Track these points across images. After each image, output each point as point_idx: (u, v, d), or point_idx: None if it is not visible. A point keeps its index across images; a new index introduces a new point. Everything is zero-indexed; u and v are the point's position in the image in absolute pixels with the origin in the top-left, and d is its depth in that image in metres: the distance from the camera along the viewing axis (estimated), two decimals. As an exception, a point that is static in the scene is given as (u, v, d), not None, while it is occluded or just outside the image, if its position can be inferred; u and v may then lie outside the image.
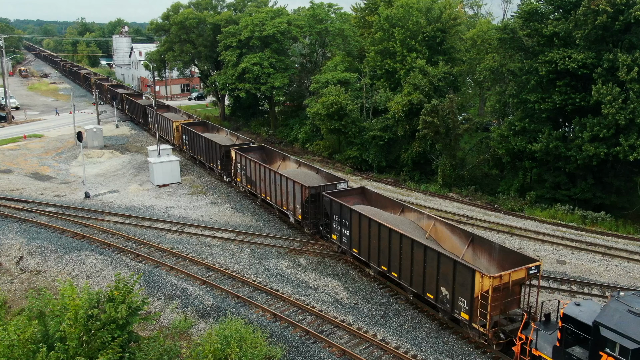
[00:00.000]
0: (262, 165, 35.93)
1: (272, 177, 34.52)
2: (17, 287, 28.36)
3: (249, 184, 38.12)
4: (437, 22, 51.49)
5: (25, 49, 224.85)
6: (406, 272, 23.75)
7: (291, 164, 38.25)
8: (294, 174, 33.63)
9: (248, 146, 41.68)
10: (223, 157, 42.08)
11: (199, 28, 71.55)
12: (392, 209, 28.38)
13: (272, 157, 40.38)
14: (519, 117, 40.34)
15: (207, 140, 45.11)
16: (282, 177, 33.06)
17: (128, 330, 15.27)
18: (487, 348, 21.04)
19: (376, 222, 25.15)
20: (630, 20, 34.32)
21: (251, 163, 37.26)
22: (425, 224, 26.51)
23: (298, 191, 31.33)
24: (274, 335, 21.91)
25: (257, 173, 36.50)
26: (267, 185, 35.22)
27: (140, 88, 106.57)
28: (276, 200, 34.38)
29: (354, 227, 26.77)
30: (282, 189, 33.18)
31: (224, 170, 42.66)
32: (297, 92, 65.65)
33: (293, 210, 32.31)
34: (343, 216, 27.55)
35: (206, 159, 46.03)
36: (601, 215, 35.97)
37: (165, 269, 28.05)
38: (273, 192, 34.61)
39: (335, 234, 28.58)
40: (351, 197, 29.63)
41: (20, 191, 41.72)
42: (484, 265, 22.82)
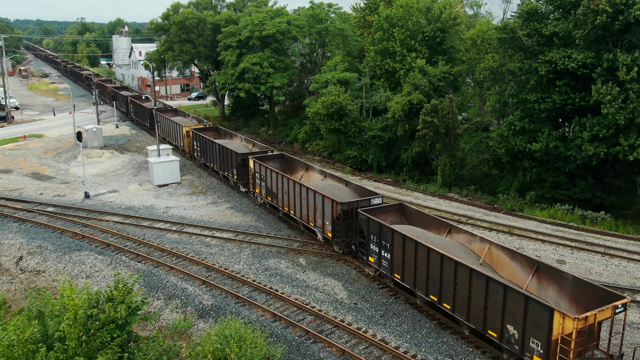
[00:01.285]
0: (284, 176, 33.09)
1: (296, 189, 31.64)
2: (16, 287, 28.36)
3: (270, 196, 35.15)
4: (436, 22, 51.50)
5: (25, 49, 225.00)
6: (462, 305, 20.97)
7: (315, 174, 35.26)
8: (321, 187, 30.70)
9: (266, 154, 38.84)
10: (239, 166, 39.17)
11: (199, 28, 71.57)
12: (437, 229, 25.62)
13: (293, 167, 37.41)
14: (519, 117, 40.34)
15: (221, 148, 42.38)
16: (309, 190, 30.21)
17: (127, 330, 15.26)
18: (487, 348, 21.05)
19: (425, 247, 22.37)
20: (630, 20, 34.31)
21: (272, 173, 34.39)
22: (477, 248, 23.67)
23: (328, 207, 28.48)
24: (274, 335, 21.91)
25: (279, 184, 33.62)
26: (291, 198, 32.36)
27: (140, 88, 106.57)
28: (301, 215, 31.54)
29: (396, 250, 24.05)
30: (309, 203, 30.44)
31: (240, 180, 39.71)
32: (297, 92, 65.67)
33: (322, 227, 29.50)
34: (383, 237, 24.85)
35: (220, 167, 43.24)
36: (601, 215, 35.97)
37: (164, 268, 28.05)
38: (298, 206, 31.75)
39: (373, 256, 25.88)
40: (388, 214, 26.99)
41: (20, 191, 41.72)
42: (553, 299, 20.08)
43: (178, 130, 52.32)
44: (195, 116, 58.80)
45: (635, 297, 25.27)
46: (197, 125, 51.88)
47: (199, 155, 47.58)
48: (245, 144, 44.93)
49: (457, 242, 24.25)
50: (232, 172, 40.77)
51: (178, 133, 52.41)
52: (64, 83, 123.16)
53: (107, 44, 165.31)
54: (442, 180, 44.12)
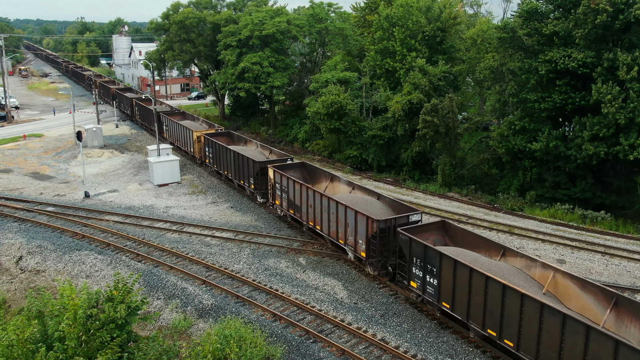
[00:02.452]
0: (310, 188, 30.56)
1: (324, 203, 29.03)
2: (16, 286, 28.34)
3: (292, 209, 32.55)
4: (436, 22, 51.49)
5: (25, 49, 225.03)
6: (529, 343, 18.56)
7: (342, 185, 32.57)
8: (352, 201, 28.21)
9: (286, 163, 36.13)
10: (257, 175, 36.56)
11: (199, 27, 71.52)
12: (488, 251, 23.17)
13: (316, 176, 34.64)
14: (519, 117, 40.33)
15: (237, 155, 39.55)
16: (340, 204, 27.64)
17: (127, 330, 15.26)
18: (487, 347, 21.04)
19: (481, 275, 19.93)
20: (630, 20, 34.29)
21: (295, 185, 31.80)
22: (539, 275, 21.12)
23: (362, 224, 25.96)
24: (274, 335, 21.90)
25: (303, 197, 31.01)
26: (317, 213, 29.83)
27: (140, 87, 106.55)
28: (329, 231, 28.97)
29: (446, 276, 21.70)
30: (339, 219, 27.90)
31: (257, 190, 37.05)
32: (297, 91, 65.66)
33: (353, 246, 27.03)
34: (429, 261, 22.47)
35: (235, 176, 40.44)
36: (601, 215, 35.95)
37: (164, 268, 28.04)
38: (325, 221, 29.17)
39: (416, 281, 23.46)
40: (430, 232, 24.74)
41: (20, 191, 41.71)
42: (636, 339, 17.47)
43: (188, 135, 49.65)
44: (205, 120, 55.48)
45: (635, 296, 25.25)
46: (209, 130, 49.05)
47: (211, 162, 44.96)
48: (262, 150, 42.13)
49: (515, 268, 21.58)
50: (249, 182, 38.05)
51: (188, 138, 49.77)
52: (64, 83, 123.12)
53: (107, 44, 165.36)
54: (442, 180, 44.10)
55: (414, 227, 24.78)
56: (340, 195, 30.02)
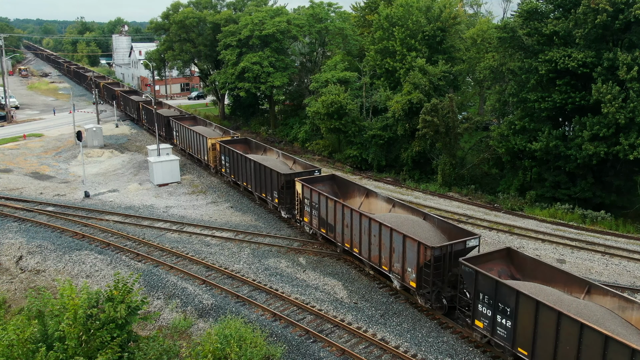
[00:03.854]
0: (346, 207, 27.37)
1: (364, 224, 25.94)
2: (16, 286, 28.35)
3: (324, 228, 29.49)
4: (436, 21, 51.48)
5: (25, 49, 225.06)
6: None
7: (379, 202, 29.29)
8: (396, 222, 24.94)
9: (314, 175, 32.97)
10: (282, 189, 33.57)
11: (199, 27, 71.55)
12: (567, 287, 20.04)
13: (348, 191, 31.43)
14: (519, 116, 40.33)
15: (258, 166, 36.34)
16: (384, 227, 24.55)
17: (127, 330, 15.26)
18: (487, 347, 21.04)
19: (575, 322, 16.80)
20: (630, 19, 34.29)
21: (328, 202, 28.67)
22: (636, 318, 17.90)
23: (412, 250, 23.04)
24: (274, 335, 21.91)
25: (338, 215, 27.93)
26: (355, 234, 26.81)
27: (140, 87, 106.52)
28: (370, 255, 26.01)
29: (524, 318, 18.59)
30: (382, 243, 24.96)
31: (282, 204, 34.13)
32: (297, 91, 65.67)
33: (400, 274, 24.09)
34: (500, 299, 19.40)
35: (256, 188, 37.31)
36: (601, 215, 35.96)
37: (164, 268, 28.04)
38: (365, 244, 26.17)
39: (482, 321, 20.38)
40: (494, 262, 21.74)
41: (20, 190, 41.71)
42: None
43: (201, 142, 46.51)
44: (219, 125, 52.23)
45: (635, 296, 25.25)
46: (224, 137, 45.88)
47: (228, 172, 41.88)
48: (284, 160, 38.84)
49: (605, 310, 18.42)
50: (272, 195, 34.92)
51: (201, 145, 46.60)
52: (64, 82, 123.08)
53: (107, 44, 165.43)
54: (442, 180, 44.11)
55: (476, 256, 21.62)
56: (382, 215, 26.62)
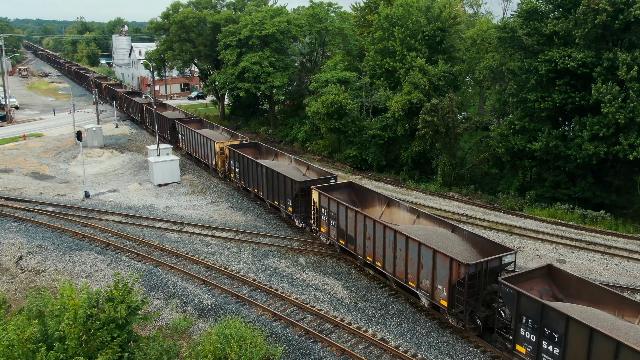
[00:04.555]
0: (368, 218, 25.77)
1: (389, 237, 24.38)
2: (16, 286, 28.36)
3: (343, 239, 27.87)
4: (436, 21, 51.51)
5: (25, 49, 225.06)
6: None
7: (402, 212, 27.68)
8: (424, 235, 23.36)
9: (330, 183, 31.39)
10: (297, 197, 31.90)
11: (199, 27, 71.57)
12: (618, 309, 18.39)
13: (367, 199, 29.84)
14: (519, 116, 40.34)
15: (271, 172, 34.60)
16: (411, 240, 22.92)
17: (127, 330, 15.26)
18: (487, 347, 21.04)
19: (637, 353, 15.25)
20: (630, 19, 34.29)
21: (348, 212, 27.01)
22: None
23: (443, 266, 21.37)
24: (274, 335, 21.92)
25: (359, 226, 26.34)
26: (378, 247, 25.23)
27: (140, 87, 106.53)
28: (395, 270, 24.39)
29: (575, 347, 17.00)
30: (409, 258, 23.23)
31: (296, 213, 32.45)
32: (297, 91, 65.69)
33: (430, 292, 22.41)
34: (546, 323, 17.76)
35: (268, 195, 35.64)
36: (601, 214, 35.96)
37: (164, 268, 28.05)
38: (389, 258, 24.52)
39: (525, 346, 18.76)
40: (534, 281, 20.15)
41: (20, 190, 41.71)
42: None
43: (209, 146, 44.86)
44: (226, 129, 50.65)
45: (635, 296, 25.27)
46: (232, 141, 44.23)
47: (238, 178, 40.14)
48: (297, 166, 37.05)
49: None
50: (286, 203, 33.22)
51: (209, 149, 44.97)
52: (63, 82, 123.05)
53: (107, 44, 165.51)
54: (442, 180, 44.11)
55: (516, 275, 20.08)
56: (407, 227, 25.03)
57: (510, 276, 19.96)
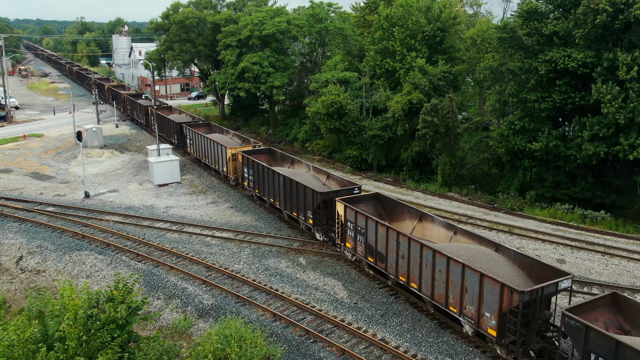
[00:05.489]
0: (402, 235, 23.79)
1: (426, 257, 22.37)
2: (16, 286, 28.36)
3: (372, 256, 25.93)
4: (436, 22, 51.53)
5: (25, 49, 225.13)
6: None
7: (436, 227, 25.66)
8: (467, 255, 21.48)
9: (355, 194, 29.39)
10: (318, 208, 29.97)
11: (199, 27, 71.56)
12: None
13: (395, 212, 27.90)
14: (519, 116, 40.34)
15: (289, 181, 32.63)
16: (453, 262, 20.97)
17: (128, 330, 15.28)
18: (487, 347, 21.05)
19: None
20: (630, 20, 34.31)
21: (379, 227, 25.05)
22: None
23: (492, 292, 19.49)
24: (274, 335, 21.92)
25: (391, 244, 24.36)
26: (413, 267, 23.30)
27: (140, 87, 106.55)
28: (433, 293, 22.39)
29: None
30: (450, 280, 21.32)
31: (317, 226, 30.42)
32: (297, 91, 65.70)
33: (475, 319, 20.36)
34: None
35: (285, 205, 33.53)
36: (601, 215, 35.98)
37: (165, 268, 28.06)
38: (426, 279, 22.62)
39: None
40: (598, 311, 18.38)
41: (20, 191, 41.72)
42: None
43: (220, 152, 42.90)
44: (237, 133, 48.80)
45: (635, 296, 25.28)
46: (244, 147, 42.08)
47: (252, 186, 38.05)
48: (316, 174, 35.13)
49: None
50: (305, 215, 31.28)
51: (220, 155, 43.04)
52: (63, 82, 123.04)
53: (107, 44, 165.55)
54: (442, 180, 44.12)
55: (578, 305, 18.19)
56: (446, 246, 23.08)
57: (574, 306, 18.04)
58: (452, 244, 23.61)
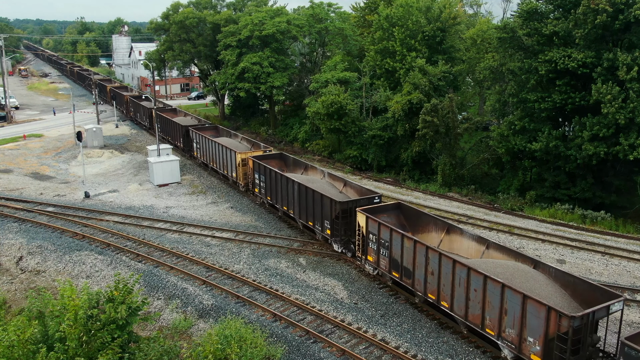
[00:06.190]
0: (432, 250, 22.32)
1: (459, 275, 20.81)
2: (16, 287, 28.36)
3: (396, 271, 24.55)
4: (436, 22, 51.54)
5: (25, 49, 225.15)
6: None
7: (465, 240, 24.19)
8: (503, 273, 20.01)
9: (375, 204, 27.91)
10: (337, 218, 28.35)
11: (199, 27, 71.61)
12: None
13: (420, 223, 26.51)
14: (519, 117, 40.35)
15: (304, 189, 30.92)
16: (491, 282, 19.37)
17: (128, 331, 15.29)
18: (487, 347, 21.05)
19: None
20: (630, 20, 34.32)
21: (405, 241, 23.65)
22: None
23: (537, 316, 17.92)
24: (274, 335, 21.92)
25: (419, 259, 22.91)
26: (444, 284, 21.69)
27: (140, 87, 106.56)
28: (467, 314, 20.76)
29: None
30: (487, 301, 19.67)
31: (335, 237, 28.96)
32: (297, 91, 65.71)
33: (516, 344, 18.90)
34: None
35: (300, 214, 31.88)
36: (601, 215, 35.98)
37: (165, 268, 28.05)
38: (460, 298, 20.97)
39: None
40: None
41: (20, 191, 41.71)
42: None
43: (229, 157, 41.28)
44: (245, 137, 47.05)
45: (635, 296, 25.27)
46: (255, 152, 40.39)
47: (263, 193, 36.33)
48: (331, 181, 33.57)
49: None
50: (323, 225, 29.71)
51: (229, 160, 41.39)
52: (63, 83, 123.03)
53: (107, 44, 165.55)
54: (442, 180, 44.13)
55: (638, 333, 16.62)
56: (480, 262, 21.49)
57: (634, 334, 16.65)
58: (486, 260, 22.02)
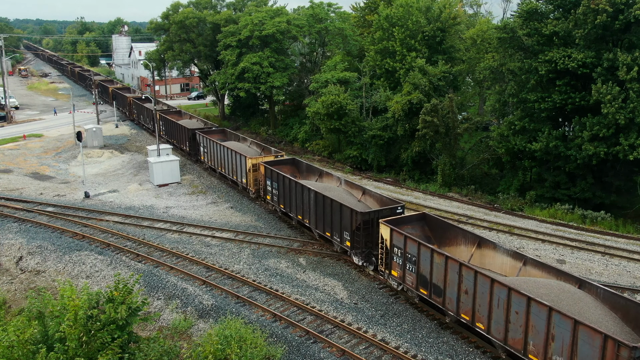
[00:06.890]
0: (467, 267, 20.84)
1: (497, 294, 19.54)
2: (16, 287, 28.35)
3: (425, 288, 23.09)
4: (436, 22, 51.52)
5: (25, 49, 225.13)
6: None
7: (499, 255, 22.72)
8: (548, 294, 18.72)
9: (398, 215, 26.61)
10: (358, 230, 26.89)
11: (199, 27, 71.57)
12: None
13: (447, 235, 25.13)
14: (519, 117, 40.35)
15: (322, 198, 29.55)
16: (536, 303, 18.11)
17: (128, 331, 15.29)
18: (487, 348, 21.04)
19: None
20: (630, 20, 34.31)
21: (435, 256, 22.23)
22: None
23: (590, 343, 16.82)
24: (274, 335, 21.92)
25: (451, 276, 21.55)
26: (480, 305, 20.35)
27: (140, 87, 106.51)
28: (506, 337, 19.45)
29: None
30: (530, 324, 18.46)
31: (355, 249, 27.49)
32: (297, 91, 65.70)
33: None
34: None
35: (317, 224, 30.49)
36: (601, 215, 35.98)
37: (165, 268, 28.05)
38: (498, 320, 19.70)
39: None
40: None
41: (20, 191, 41.70)
42: None
43: (239, 162, 39.59)
44: (255, 141, 45.46)
45: (635, 296, 25.27)
46: (266, 157, 39.07)
47: (276, 200, 34.84)
48: (348, 189, 32.03)
49: None
50: (342, 236, 28.33)
51: (238, 165, 39.74)
52: (63, 83, 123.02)
53: (107, 44, 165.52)
54: (442, 180, 44.12)
55: None
56: (519, 281, 20.05)
57: None
58: (527, 279, 20.43)
